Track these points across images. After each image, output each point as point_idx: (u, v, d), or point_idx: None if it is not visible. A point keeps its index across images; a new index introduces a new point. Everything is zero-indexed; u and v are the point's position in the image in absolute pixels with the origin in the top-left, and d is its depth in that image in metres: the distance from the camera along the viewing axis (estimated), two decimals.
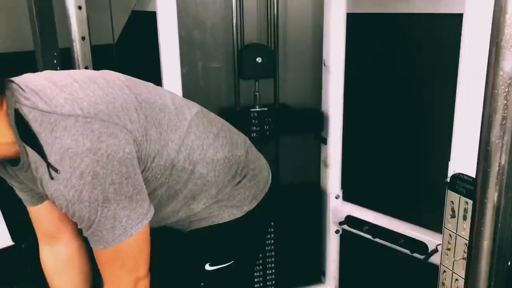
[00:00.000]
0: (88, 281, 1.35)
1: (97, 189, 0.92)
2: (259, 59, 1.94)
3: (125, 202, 0.96)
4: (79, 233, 1.27)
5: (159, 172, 1.07)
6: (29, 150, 0.94)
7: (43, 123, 0.91)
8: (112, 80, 1.06)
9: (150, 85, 1.16)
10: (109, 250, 0.99)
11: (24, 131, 0.92)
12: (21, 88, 0.95)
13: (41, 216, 1.23)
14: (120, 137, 0.95)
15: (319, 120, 2.00)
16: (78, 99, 0.96)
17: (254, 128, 1.97)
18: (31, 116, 0.92)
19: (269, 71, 1.99)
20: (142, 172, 1.03)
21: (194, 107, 1.21)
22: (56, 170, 0.91)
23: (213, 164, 1.16)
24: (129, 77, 1.14)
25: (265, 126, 1.99)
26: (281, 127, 2.02)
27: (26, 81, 0.98)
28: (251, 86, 2.01)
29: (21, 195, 1.20)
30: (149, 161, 1.04)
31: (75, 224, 1.02)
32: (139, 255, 1.04)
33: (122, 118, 0.98)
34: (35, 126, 0.91)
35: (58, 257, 1.31)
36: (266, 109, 2.00)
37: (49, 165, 0.91)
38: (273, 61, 1.99)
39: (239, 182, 1.21)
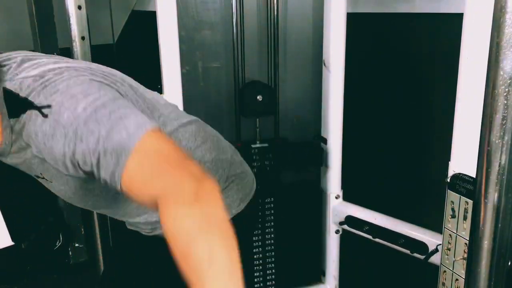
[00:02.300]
0: None
1: (91, 100, 0.86)
2: (259, 97, 1.97)
3: (124, 108, 0.89)
4: None
5: None
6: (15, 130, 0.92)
7: (36, 81, 0.90)
8: (107, 70, 1.06)
9: (142, 86, 1.16)
10: (135, 157, 0.81)
11: (12, 103, 0.90)
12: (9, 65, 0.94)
13: None
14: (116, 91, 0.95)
15: (319, 154, 2.03)
16: (74, 66, 0.96)
17: (254, 164, 2.01)
18: (23, 86, 0.90)
19: (270, 109, 2.03)
20: None
21: (188, 117, 1.21)
22: (48, 106, 0.86)
23: (200, 165, 1.15)
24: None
25: (265, 162, 2.03)
26: (281, 162, 2.06)
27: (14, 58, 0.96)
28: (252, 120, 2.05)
29: None
30: None
31: None
32: (173, 150, 0.86)
33: (113, 85, 0.98)
34: (26, 91, 0.89)
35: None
36: (266, 145, 2.03)
37: (39, 108, 0.87)
38: (273, 99, 2.03)
39: (227, 186, 1.22)
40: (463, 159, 1.31)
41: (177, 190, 0.78)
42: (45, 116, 0.86)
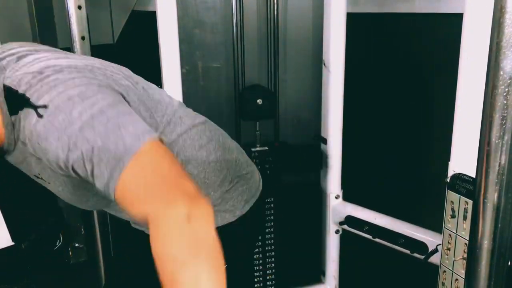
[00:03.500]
0: None
1: (88, 104, 0.84)
2: (259, 101, 1.98)
3: (123, 117, 0.86)
4: None
5: None
6: (16, 127, 0.91)
7: (35, 78, 0.89)
8: (109, 65, 1.05)
9: (148, 82, 1.15)
10: (130, 170, 0.80)
11: (12, 100, 0.89)
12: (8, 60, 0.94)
13: None
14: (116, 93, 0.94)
15: (319, 157, 2.04)
16: (75, 64, 0.95)
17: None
18: (22, 82, 0.89)
19: (270, 113, 2.04)
20: None
21: (196, 118, 1.20)
22: (45, 106, 0.84)
23: (204, 166, 1.15)
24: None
25: (266, 165, 2.03)
26: (281, 166, 2.06)
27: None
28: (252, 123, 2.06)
29: None
30: None
31: None
32: (170, 165, 0.84)
33: (120, 90, 0.97)
34: (24, 88, 0.88)
35: None
36: (266, 148, 2.04)
37: (36, 108, 0.85)
38: (273, 103, 2.04)
39: (231, 187, 1.21)
40: (463, 159, 1.31)
41: (169, 211, 0.76)
42: (40, 116, 0.85)
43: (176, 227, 0.75)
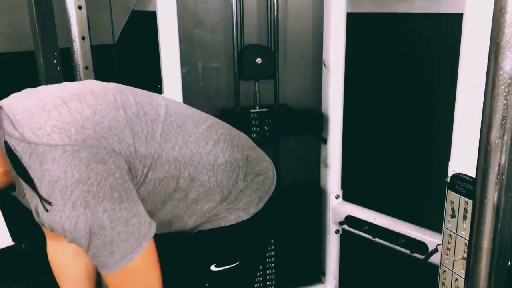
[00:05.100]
0: (94, 276, 1.38)
1: (91, 218, 0.92)
2: (259, 60, 1.94)
3: (120, 227, 0.96)
4: None
5: (156, 185, 1.06)
6: (23, 182, 0.95)
7: (32, 156, 0.91)
8: (101, 95, 1.04)
9: (142, 93, 1.13)
10: (114, 274, 1.00)
11: (16, 163, 0.93)
12: (10, 118, 0.94)
13: None
14: (109, 162, 0.95)
15: (319, 121, 2.00)
16: (65, 125, 0.94)
17: (254, 129, 1.98)
18: (19, 148, 0.91)
19: (269, 72, 2.00)
20: (138, 189, 1.02)
21: (200, 122, 1.19)
22: (49, 203, 0.91)
23: (214, 170, 1.14)
24: (119, 86, 1.11)
25: (265, 127, 1.99)
26: (281, 128, 2.03)
27: (14, 108, 0.96)
28: (251, 86, 2.01)
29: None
30: (143, 176, 1.03)
31: None
32: (148, 272, 1.03)
33: (110, 140, 0.97)
34: (25, 159, 0.91)
35: (64, 253, 1.34)
36: (266, 110, 2.00)
37: (41, 198, 0.91)
38: (273, 62, 1.99)
39: (245, 185, 1.20)
40: (462, 159, 1.31)
41: None
42: (46, 211, 0.93)
43: None
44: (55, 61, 1.53)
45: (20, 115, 0.94)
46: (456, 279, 1.35)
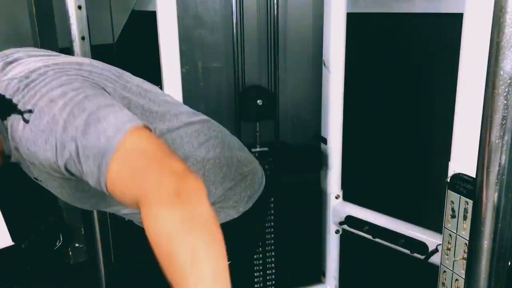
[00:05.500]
0: None
1: (71, 104, 0.84)
2: (259, 102, 1.98)
3: (106, 108, 0.86)
4: None
5: None
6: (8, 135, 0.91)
7: (21, 84, 0.89)
8: (100, 72, 1.04)
9: (142, 82, 1.15)
10: (116, 162, 0.80)
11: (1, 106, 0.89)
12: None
13: None
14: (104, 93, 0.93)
15: (319, 158, 2.03)
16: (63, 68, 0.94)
17: None
18: (9, 87, 0.89)
19: (270, 113, 2.04)
20: None
21: (193, 116, 1.20)
22: (30, 111, 0.85)
23: (203, 163, 1.15)
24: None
25: (266, 166, 2.02)
26: (282, 167, 2.06)
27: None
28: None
29: None
30: None
31: None
32: (154, 148, 0.84)
33: (99, 82, 0.96)
34: (11, 93, 0.88)
35: None
36: (266, 149, 2.04)
37: (22, 112, 0.85)
38: (273, 103, 2.04)
39: (234, 184, 1.21)
40: (463, 159, 1.31)
41: (158, 189, 0.75)
42: (26, 121, 0.85)
43: (166, 204, 0.74)
44: None
45: (11, 64, 0.95)
46: (456, 279, 1.35)
